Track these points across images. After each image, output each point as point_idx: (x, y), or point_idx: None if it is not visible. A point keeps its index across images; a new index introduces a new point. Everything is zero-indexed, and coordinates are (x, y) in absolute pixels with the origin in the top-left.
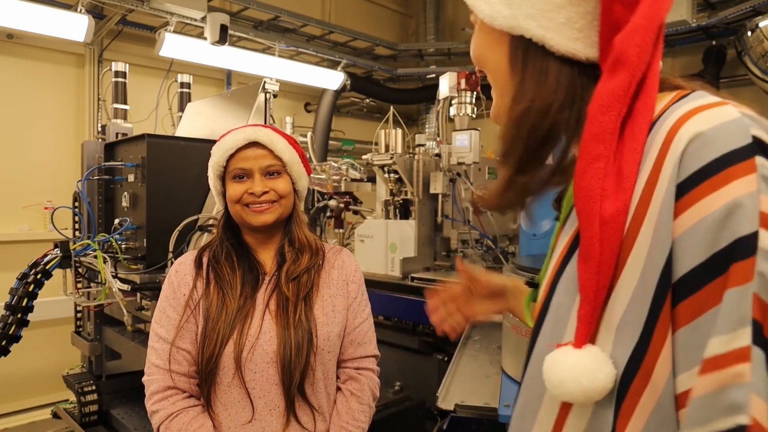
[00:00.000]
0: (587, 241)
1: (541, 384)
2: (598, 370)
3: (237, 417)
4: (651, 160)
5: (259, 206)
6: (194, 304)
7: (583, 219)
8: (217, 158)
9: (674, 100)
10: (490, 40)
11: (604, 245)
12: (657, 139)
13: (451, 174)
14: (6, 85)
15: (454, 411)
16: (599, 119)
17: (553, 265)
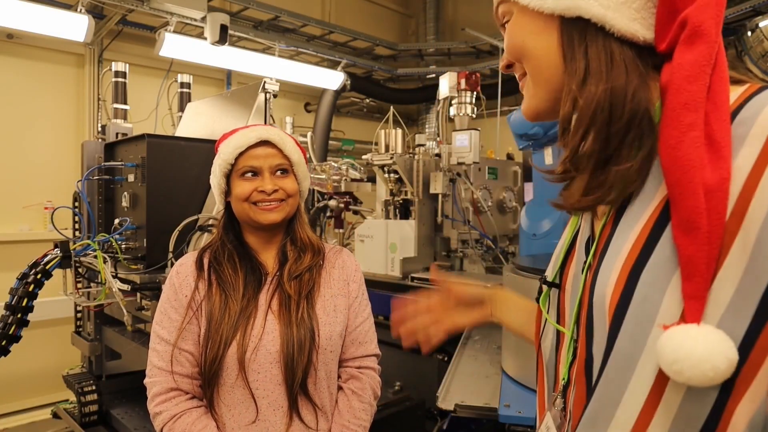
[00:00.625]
0: (691, 212)
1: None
2: (728, 348)
3: (241, 417)
4: (758, 142)
5: (269, 204)
6: (196, 306)
7: (684, 190)
8: (226, 155)
9: (751, 90)
10: (534, 26)
11: (711, 215)
12: (760, 125)
13: (451, 174)
14: (6, 85)
15: (454, 411)
16: (687, 89)
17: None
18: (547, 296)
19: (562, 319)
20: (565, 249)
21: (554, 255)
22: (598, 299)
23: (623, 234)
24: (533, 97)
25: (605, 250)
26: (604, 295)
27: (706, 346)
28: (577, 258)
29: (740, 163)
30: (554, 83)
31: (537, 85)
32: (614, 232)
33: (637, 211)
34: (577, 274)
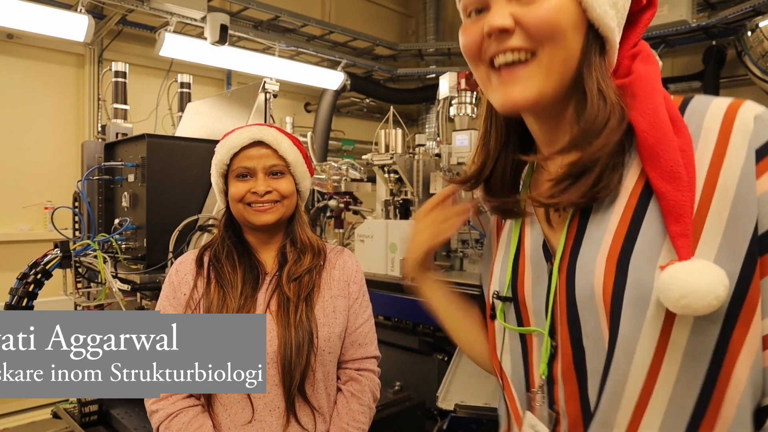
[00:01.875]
0: (673, 164)
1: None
2: (724, 278)
3: (237, 417)
4: (713, 131)
5: (262, 206)
6: (195, 304)
7: (666, 146)
8: (220, 156)
9: (680, 99)
10: (575, 18)
11: (688, 168)
12: (710, 119)
13: (451, 174)
14: (6, 85)
15: (454, 411)
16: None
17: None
18: (502, 311)
19: (525, 323)
20: (511, 261)
21: (497, 269)
22: (584, 293)
23: (598, 229)
24: (542, 85)
25: (576, 248)
26: (591, 288)
27: (707, 277)
28: (533, 265)
29: (702, 149)
30: (563, 80)
31: (552, 76)
32: (584, 230)
33: (606, 208)
34: (538, 279)
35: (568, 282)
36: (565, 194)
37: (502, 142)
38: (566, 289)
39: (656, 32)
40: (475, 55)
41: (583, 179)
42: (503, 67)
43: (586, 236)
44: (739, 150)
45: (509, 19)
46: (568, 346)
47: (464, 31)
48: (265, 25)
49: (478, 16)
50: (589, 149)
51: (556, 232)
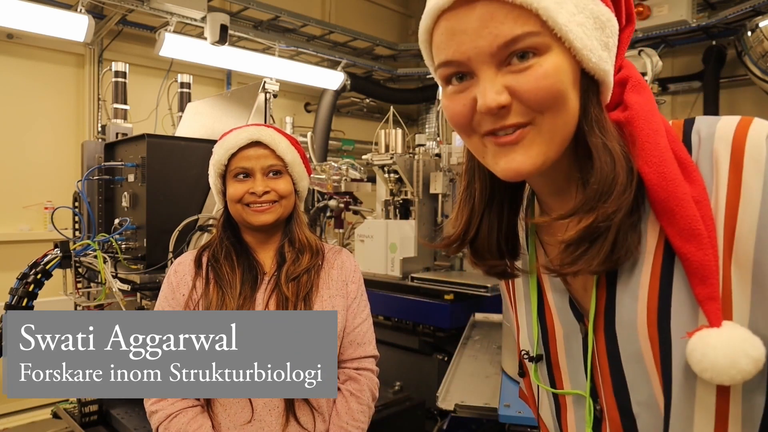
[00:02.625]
0: (690, 220)
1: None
2: (751, 347)
3: (236, 417)
4: (724, 164)
5: (260, 206)
6: (194, 304)
7: (679, 201)
8: (218, 156)
9: (680, 124)
10: (572, 76)
11: (706, 222)
12: (719, 147)
13: (451, 174)
14: (6, 85)
15: (454, 411)
16: (653, 119)
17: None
18: (536, 371)
19: (559, 384)
20: (535, 321)
21: (523, 328)
22: (631, 360)
23: (628, 292)
24: (545, 154)
25: (610, 311)
26: (640, 355)
27: (726, 352)
28: (563, 324)
29: (717, 188)
30: (565, 141)
31: (553, 143)
32: (614, 294)
33: (631, 270)
34: (571, 341)
35: (608, 346)
36: (580, 262)
37: (487, 197)
38: (607, 354)
39: (656, 32)
40: (465, 127)
41: (599, 244)
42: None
43: (618, 301)
44: (755, 182)
45: (504, 95)
46: (615, 411)
47: (449, 100)
48: (265, 25)
49: (462, 84)
50: (604, 211)
51: (578, 289)
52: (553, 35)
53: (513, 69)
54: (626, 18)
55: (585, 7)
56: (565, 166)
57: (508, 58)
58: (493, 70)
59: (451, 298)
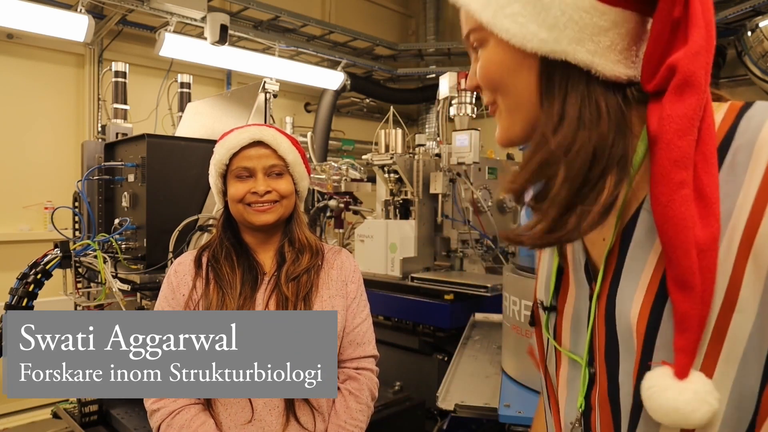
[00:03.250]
0: (685, 270)
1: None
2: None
3: (236, 417)
4: (762, 158)
5: (261, 206)
6: (194, 304)
7: (677, 248)
8: (220, 156)
9: (735, 112)
10: (513, 62)
11: (704, 273)
12: (763, 141)
13: (451, 174)
14: (6, 85)
15: (454, 411)
16: (678, 144)
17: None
18: (546, 321)
19: (559, 342)
20: (554, 272)
21: (542, 278)
22: (625, 332)
23: (637, 262)
24: (508, 128)
25: (617, 277)
26: (630, 331)
27: (678, 407)
28: (576, 283)
29: (750, 185)
30: (531, 118)
31: (513, 118)
32: (624, 259)
33: (644, 239)
34: (580, 300)
35: (607, 318)
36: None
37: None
38: (605, 324)
39: None
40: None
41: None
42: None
43: (625, 268)
44: None
45: (473, 79)
46: (605, 377)
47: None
48: (265, 25)
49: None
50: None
51: (596, 253)
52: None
53: (476, 58)
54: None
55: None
56: None
57: (475, 49)
58: (474, 56)
59: (451, 298)
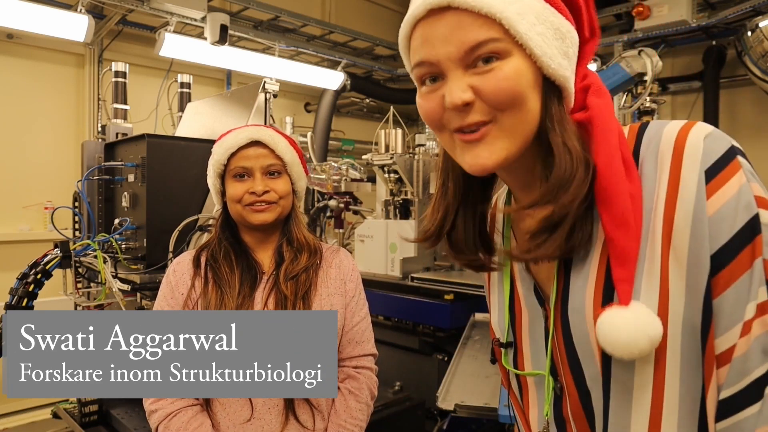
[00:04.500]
0: (623, 210)
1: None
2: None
3: (235, 416)
4: (666, 161)
5: (260, 205)
6: (193, 303)
7: (617, 195)
8: (218, 156)
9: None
10: (531, 80)
11: (636, 214)
12: (664, 146)
13: None
14: (6, 85)
15: (454, 411)
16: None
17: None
18: (505, 354)
19: (521, 366)
20: (506, 306)
21: (494, 315)
22: (582, 342)
23: (579, 279)
24: (505, 149)
25: (565, 296)
26: (587, 337)
27: (628, 330)
28: (528, 308)
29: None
30: (527, 138)
31: (513, 138)
32: (569, 277)
33: (584, 258)
34: (535, 324)
35: (563, 328)
36: (541, 249)
37: (462, 193)
38: (563, 337)
39: (656, 32)
40: (437, 123)
41: (558, 233)
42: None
43: (571, 286)
44: (691, 178)
45: (468, 93)
46: (573, 388)
47: (423, 99)
48: (265, 25)
49: (434, 84)
50: (561, 202)
51: (541, 275)
52: (515, 42)
53: (478, 71)
54: (590, 31)
55: (546, 19)
56: (530, 161)
57: (474, 62)
58: (461, 71)
59: (451, 298)
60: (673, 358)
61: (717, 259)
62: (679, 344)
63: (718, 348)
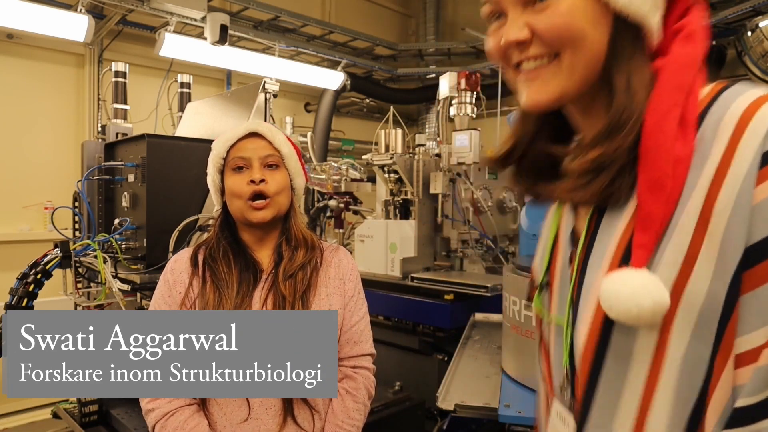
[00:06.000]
0: (661, 173)
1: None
2: (656, 291)
3: (232, 416)
4: (726, 134)
5: (259, 202)
6: (190, 303)
7: (661, 154)
8: (217, 150)
9: (715, 92)
10: (592, 14)
11: (675, 180)
12: (729, 115)
13: (451, 174)
14: (6, 85)
15: (454, 411)
16: (682, 73)
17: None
18: (539, 298)
19: (551, 311)
20: (549, 245)
21: (539, 252)
22: (589, 290)
23: (609, 230)
24: (560, 86)
25: (591, 246)
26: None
27: (633, 287)
28: (562, 250)
29: (712, 158)
30: (587, 77)
31: (572, 73)
32: (597, 230)
33: (618, 210)
34: (564, 266)
35: (580, 278)
36: (579, 192)
37: (535, 128)
38: (578, 285)
39: None
40: (501, 60)
41: (600, 177)
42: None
43: (597, 238)
44: (746, 156)
45: (524, 31)
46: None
47: (488, 36)
48: (265, 25)
49: (498, 22)
50: (610, 146)
51: (579, 220)
52: None
53: (535, 9)
54: None
55: None
56: (595, 100)
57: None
58: (519, 10)
59: (451, 298)
60: (678, 340)
61: (753, 252)
62: (690, 327)
63: (739, 347)
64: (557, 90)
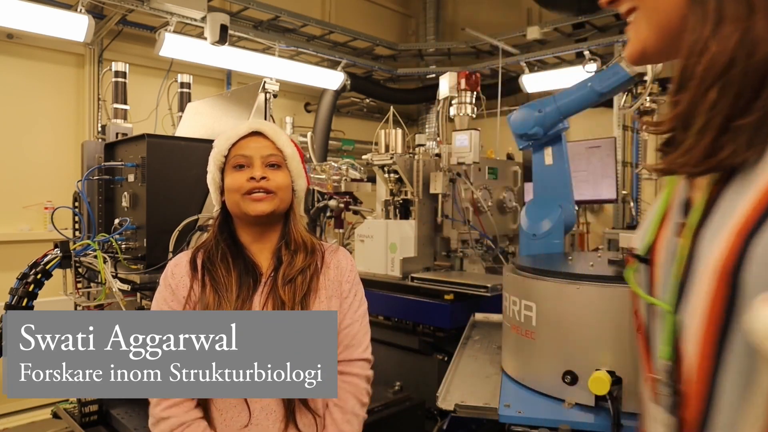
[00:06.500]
0: None
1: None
2: None
3: (232, 421)
4: None
5: (258, 194)
6: (191, 306)
7: None
8: (219, 148)
9: None
10: None
11: None
12: None
13: (451, 174)
14: (6, 85)
15: (454, 411)
16: None
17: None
18: (634, 270)
19: (653, 291)
20: (657, 219)
21: (644, 226)
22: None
23: (735, 198)
24: (643, 39)
25: (707, 216)
26: (715, 259)
27: None
28: (671, 222)
29: None
30: (671, 25)
31: (650, 25)
32: (719, 196)
33: (747, 178)
34: (671, 240)
35: (691, 253)
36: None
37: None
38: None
39: None
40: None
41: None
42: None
43: (719, 203)
44: None
45: None
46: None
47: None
48: (265, 25)
49: None
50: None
51: (696, 188)
52: None
53: None
54: None
55: None
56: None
57: None
58: None
59: (451, 298)
60: None
61: None
62: None
63: None
64: (639, 44)
